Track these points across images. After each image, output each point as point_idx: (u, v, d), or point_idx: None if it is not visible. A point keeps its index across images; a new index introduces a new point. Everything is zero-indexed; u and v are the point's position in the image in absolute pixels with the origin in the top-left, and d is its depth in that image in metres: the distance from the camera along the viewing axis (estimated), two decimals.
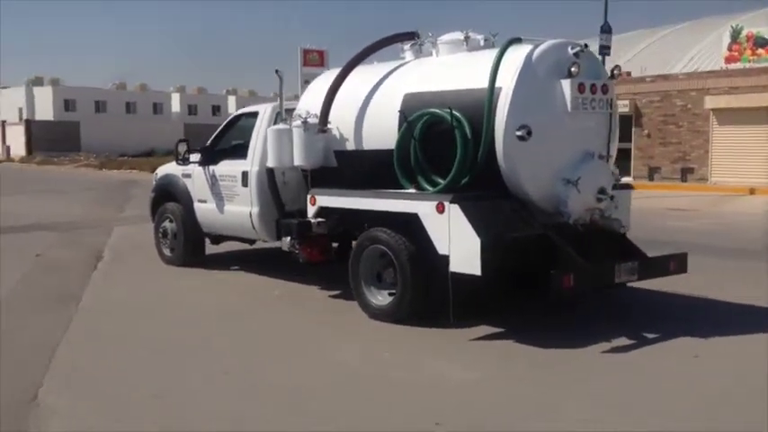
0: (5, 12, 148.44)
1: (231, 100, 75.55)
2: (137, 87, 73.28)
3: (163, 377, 5.62)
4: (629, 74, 28.98)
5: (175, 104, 74.88)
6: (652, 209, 18.91)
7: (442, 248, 6.52)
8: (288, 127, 8.13)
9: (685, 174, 25.89)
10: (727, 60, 25.98)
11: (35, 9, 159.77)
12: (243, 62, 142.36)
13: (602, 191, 6.84)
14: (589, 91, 6.75)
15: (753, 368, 5.77)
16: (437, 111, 6.90)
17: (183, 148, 9.67)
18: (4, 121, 65.28)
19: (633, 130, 27.21)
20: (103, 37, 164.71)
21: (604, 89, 6.89)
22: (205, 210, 9.62)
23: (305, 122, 7.93)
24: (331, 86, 7.98)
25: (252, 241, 9.86)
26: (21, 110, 68.12)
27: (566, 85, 6.63)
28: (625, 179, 25.57)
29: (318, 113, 7.99)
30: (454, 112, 6.74)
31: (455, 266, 6.41)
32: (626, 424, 4.69)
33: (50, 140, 58.90)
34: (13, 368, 5.80)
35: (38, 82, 70.04)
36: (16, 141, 60.93)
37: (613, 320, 7.12)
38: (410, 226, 6.83)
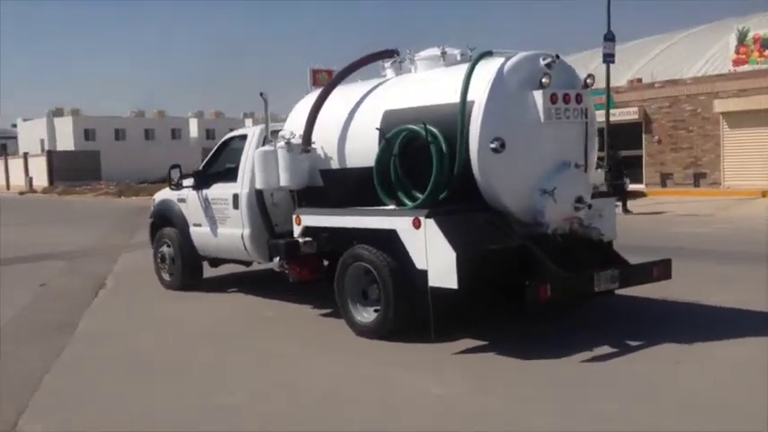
0: (25, 46, 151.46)
1: (248, 123, 76.09)
2: (155, 114, 74.17)
3: (144, 404, 5.68)
4: (639, 80, 28.90)
5: (193, 129, 75.60)
6: (664, 216, 18.82)
7: (420, 263, 6.56)
8: (273, 148, 8.23)
9: (698, 179, 25.70)
10: (735, 63, 25.81)
11: (54, 43, 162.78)
12: (259, 85, 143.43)
13: (579, 200, 6.85)
14: (562, 101, 6.77)
15: (731, 374, 5.76)
16: (413, 127, 6.97)
17: (175, 173, 9.82)
18: (26, 153, 66.33)
19: (643, 136, 27.12)
20: (122, 67, 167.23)
21: (578, 99, 6.92)
22: (200, 233, 9.74)
23: (288, 143, 8.03)
24: (313, 106, 8.08)
25: (248, 263, 9.95)
26: (42, 141, 69.28)
27: (538, 95, 6.67)
28: (637, 186, 25.53)
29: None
30: (429, 127, 6.81)
31: (433, 281, 6.43)
32: None
33: (71, 170, 59.61)
34: None
35: (58, 113, 71.17)
36: (39, 172, 61.79)
37: (600, 329, 7.10)
38: (391, 242, 6.87)
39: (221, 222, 9.33)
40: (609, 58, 22.29)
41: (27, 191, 58.23)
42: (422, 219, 6.49)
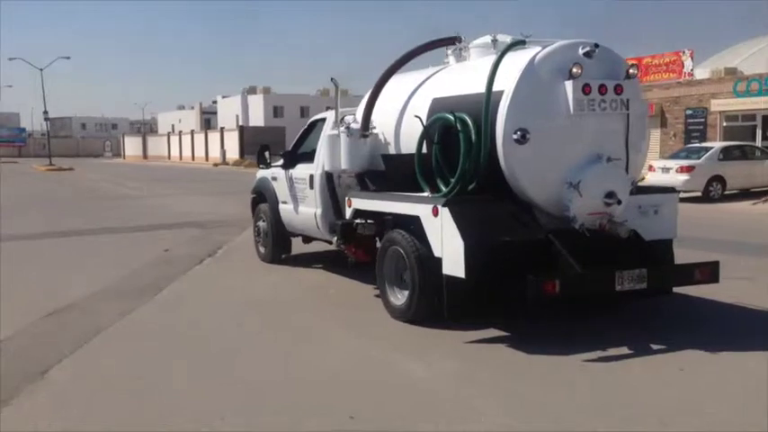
0: (230, 29, 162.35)
1: None
2: None
3: (180, 369, 6.18)
4: None
5: None
6: None
7: (437, 251, 6.63)
8: (337, 132, 8.55)
9: None
10: None
11: (255, 28, 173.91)
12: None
13: (610, 195, 6.56)
14: (597, 92, 6.52)
15: (732, 385, 5.39)
16: (447, 115, 7.01)
17: (266, 153, 10.45)
18: (222, 128, 71.53)
19: None
20: (311, 49, 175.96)
21: (617, 90, 6.61)
22: (286, 210, 10.29)
23: (348, 128, 8.31)
24: (371, 92, 8.31)
25: (329, 241, 10.37)
26: (237, 117, 74.36)
27: (568, 86, 6.47)
28: None
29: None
30: (458, 114, 6.83)
31: (446, 269, 6.49)
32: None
33: (259, 144, 63.40)
34: (48, 345, 6.71)
35: (252, 91, 75.95)
36: (232, 146, 66.46)
37: (632, 329, 6.82)
38: (419, 229, 6.98)
39: (301, 201, 9.82)
40: None
41: (220, 163, 62.78)
42: (439, 207, 6.55)
